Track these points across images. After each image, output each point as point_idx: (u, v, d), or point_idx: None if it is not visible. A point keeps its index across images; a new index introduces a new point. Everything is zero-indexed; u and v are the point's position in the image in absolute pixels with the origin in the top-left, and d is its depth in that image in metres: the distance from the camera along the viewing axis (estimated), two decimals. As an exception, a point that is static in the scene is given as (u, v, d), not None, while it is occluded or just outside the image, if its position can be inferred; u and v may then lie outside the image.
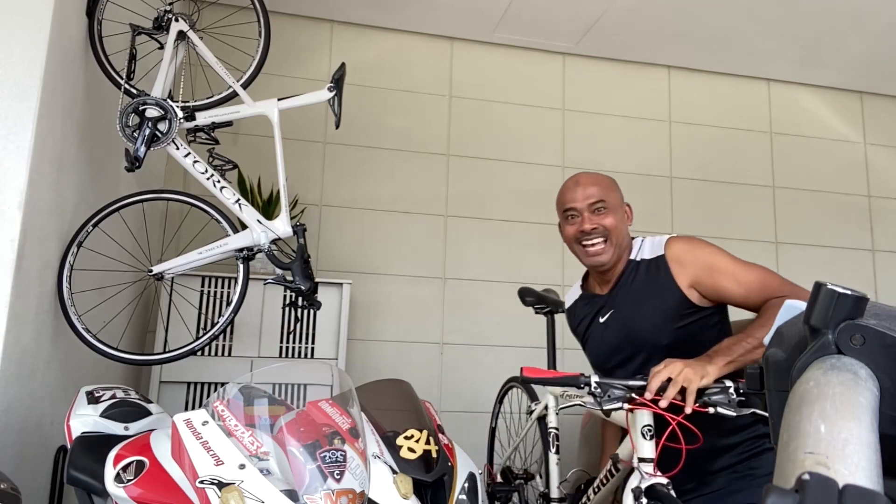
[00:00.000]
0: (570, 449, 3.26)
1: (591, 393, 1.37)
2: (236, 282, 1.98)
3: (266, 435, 1.17)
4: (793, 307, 0.48)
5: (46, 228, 1.79)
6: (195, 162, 2.00)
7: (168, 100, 1.98)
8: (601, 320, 1.71)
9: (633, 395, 1.35)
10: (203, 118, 2.03)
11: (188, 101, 2.05)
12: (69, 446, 1.37)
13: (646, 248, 1.68)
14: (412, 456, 1.28)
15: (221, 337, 2.59)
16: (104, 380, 2.19)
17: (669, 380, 1.33)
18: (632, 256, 1.69)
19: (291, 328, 2.72)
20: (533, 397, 2.33)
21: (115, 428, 1.43)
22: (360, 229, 3.31)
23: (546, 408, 2.08)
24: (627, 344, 1.65)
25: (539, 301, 2.44)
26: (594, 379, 1.36)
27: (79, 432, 1.40)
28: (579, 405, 1.62)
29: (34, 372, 1.75)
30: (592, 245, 1.65)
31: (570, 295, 1.93)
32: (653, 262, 1.64)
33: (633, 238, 1.74)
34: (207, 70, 2.13)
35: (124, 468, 1.18)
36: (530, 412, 2.28)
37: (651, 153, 3.72)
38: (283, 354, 2.70)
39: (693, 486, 1.58)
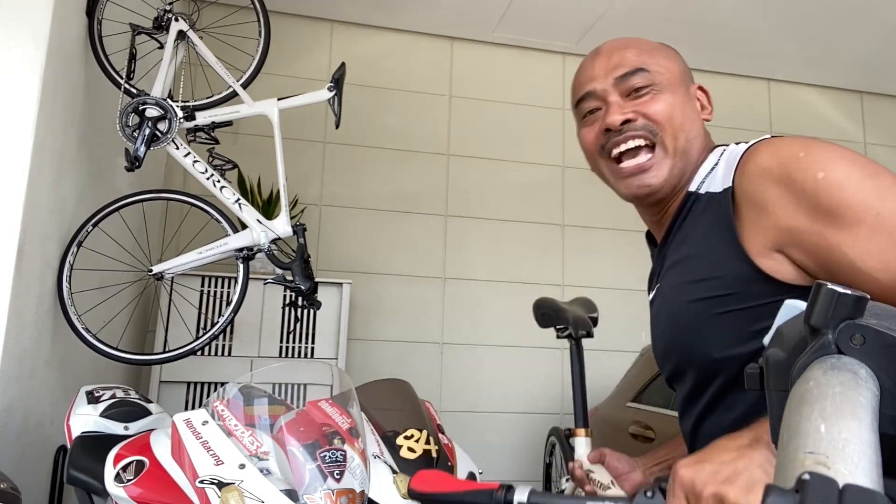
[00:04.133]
0: (570, 449, 3.27)
1: None
2: (236, 282, 1.98)
3: (266, 435, 1.17)
4: (793, 307, 0.48)
5: (46, 228, 1.79)
6: (195, 162, 2.00)
7: (168, 99, 1.98)
8: (650, 296, 1.03)
9: None
10: (203, 118, 2.03)
11: (188, 101, 2.05)
12: (69, 446, 1.37)
13: (719, 169, 0.89)
14: (412, 456, 1.28)
15: (221, 337, 2.59)
16: (104, 380, 2.19)
17: None
18: (693, 186, 0.91)
19: (291, 328, 2.72)
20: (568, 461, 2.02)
21: (115, 428, 1.42)
22: (360, 229, 3.31)
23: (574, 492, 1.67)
24: (671, 346, 0.95)
25: (560, 319, 1.73)
26: (519, 497, 0.73)
27: (79, 432, 1.40)
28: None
29: (34, 372, 1.75)
30: (628, 155, 0.92)
31: None
32: (715, 198, 0.87)
33: (714, 147, 0.96)
34: (207, 70, 2.13)
35: (124, 468, 1.18)
36: (561, 491, 1.98)
37: (651, 153, 3.72)
38: (283, 354, 2.70)
39: None
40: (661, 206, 0.97)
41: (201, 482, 1.07)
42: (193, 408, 2.04)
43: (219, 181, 2.00)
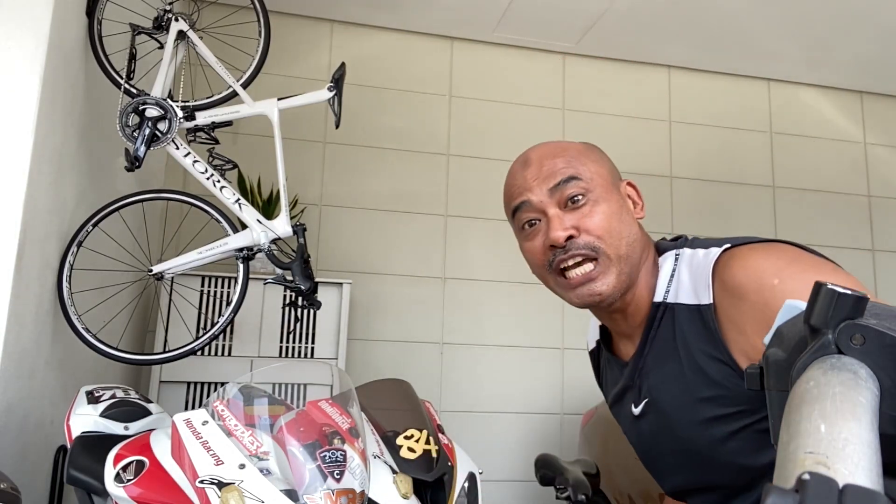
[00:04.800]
0: (570, 448, 3.27)
1: None
2: (236, 282, 1.98)
3: (266, 435, 1.17)
4: (793, 307, 0.48)
5: (46, 228, 1.79)
6: (195, 162, 2.00)
7: (168, 99, 1.98)
8: (634, 410, 1.01)
9: None
10: (203, 118, 2.03)
11: (188, 101, 2.05)
12: (69, 446, 1.37)
13: (683, 278, 0.92)
14: (412, 456, 1.28)
15: (221, 337, 2.59)
16: (104, 380, 2.19)
17: None
18: (658, 296, 0.95)
19: (291, 328, 2.72)
20: None
21: (115, 428, 1.42)
22: (359, 229, 3.31)
23: None
24: (689, 466, 0.95)
25: (560, 480, 1.70)
26: None
27: (79, 432, 1.40)
28: None
29: (34, 372, 1.75)
30: (574, 270, 0.94)
31: (591, 331, 1.21)
32: (696, 312, 0.88)
33: (658, 248, 1.03)
34: (207, 70, 2.13)
35: (124, 468, 1.18)
36: None
37: (651, 153, 3.72)
38: (283, 354, 2.70)
39: None
40: (620, 314, 1.00)
41: (201, 482, 1.07)
42: (193, 408, 2.04)
43: (219, 181, 2.00)
